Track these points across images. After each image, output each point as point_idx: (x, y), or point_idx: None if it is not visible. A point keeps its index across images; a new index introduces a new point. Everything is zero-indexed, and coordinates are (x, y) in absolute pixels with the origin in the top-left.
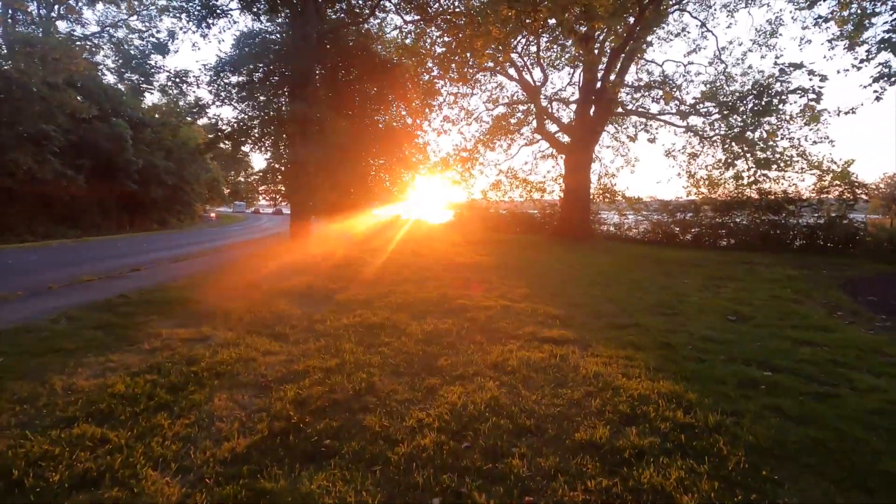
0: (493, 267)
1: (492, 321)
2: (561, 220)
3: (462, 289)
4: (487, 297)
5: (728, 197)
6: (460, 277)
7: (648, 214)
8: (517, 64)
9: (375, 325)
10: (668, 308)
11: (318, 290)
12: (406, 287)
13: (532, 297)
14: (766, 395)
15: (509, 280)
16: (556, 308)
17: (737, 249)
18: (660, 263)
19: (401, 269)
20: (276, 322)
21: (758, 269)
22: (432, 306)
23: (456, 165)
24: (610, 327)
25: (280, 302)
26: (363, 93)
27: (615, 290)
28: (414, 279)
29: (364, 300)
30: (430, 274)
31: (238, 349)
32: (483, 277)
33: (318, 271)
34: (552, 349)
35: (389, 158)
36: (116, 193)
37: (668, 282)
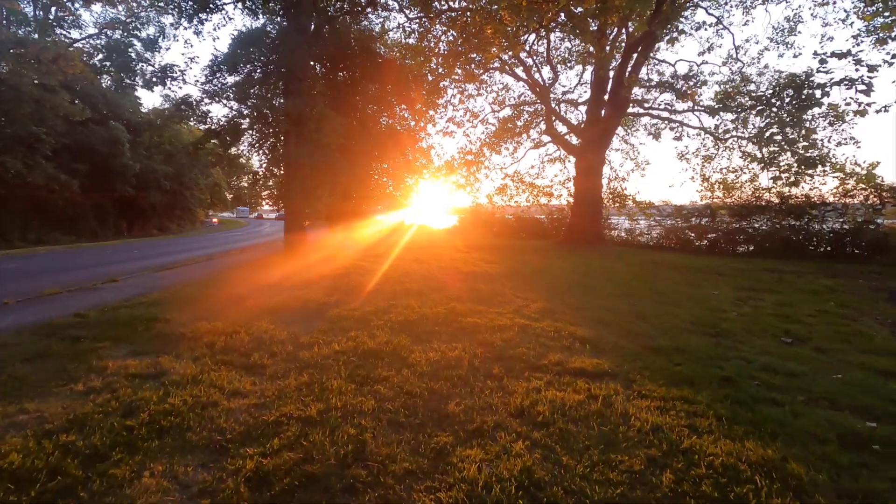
0: (503, 276)
1: (509, 346)
2: (571, 225)
3: (471, 302)
4: (501, 312)
5: (746, 201)
6: (468, 288)
7: (661, 219)
8: (525, 63)
9: (371, 353)
10: (708, 326)
11: (310, 304)
12: (408, 300)
13: (551, 313)
14: (889, 462)
15: (523, 291)
16: (581, 327)
17: (757, 256)
18: (680, 271)
19: (403, 279)
20: (254, 348)
21: (788, 279)
22: (438, 325)
23: (461, 169)
24: (650, 352)
25: (263, 321)
26: (364, 93)
27: (642, 304)
28: (417, 291)
29: (361, 317)
30: (435, 284)
31: (197, 389)
32: (493, 288)
33: (312, 282)
34: (589, 387)
35: (392, 162)
36: (113, 198)
37: (697, 293)
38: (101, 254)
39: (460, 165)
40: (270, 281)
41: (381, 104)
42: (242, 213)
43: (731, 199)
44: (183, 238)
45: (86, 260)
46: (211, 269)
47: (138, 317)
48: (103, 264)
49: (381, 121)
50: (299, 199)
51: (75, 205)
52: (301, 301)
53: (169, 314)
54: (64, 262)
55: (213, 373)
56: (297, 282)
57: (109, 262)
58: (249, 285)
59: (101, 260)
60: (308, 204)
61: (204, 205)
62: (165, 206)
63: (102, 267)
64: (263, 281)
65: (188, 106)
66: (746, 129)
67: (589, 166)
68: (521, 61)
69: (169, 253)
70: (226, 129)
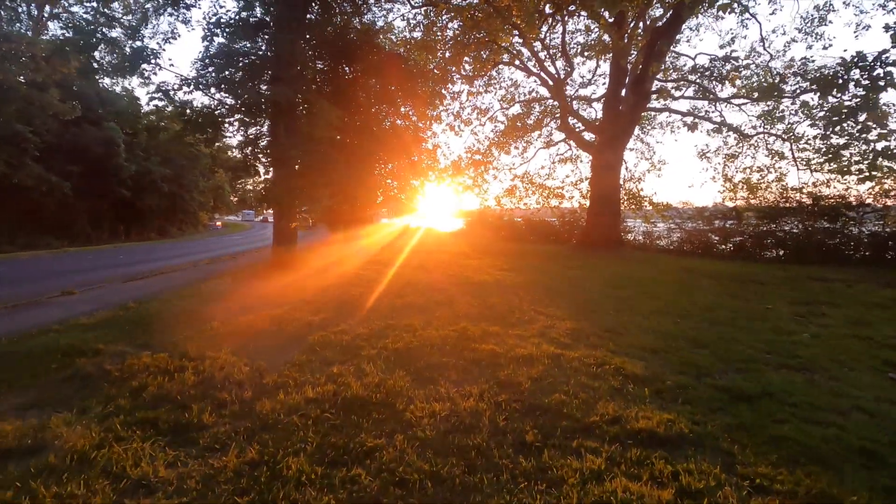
0: (519, 287)
1: (541, 389)
2: (587, 228)
3: (485, 321)
4: (523, 336)
5: (773, 202)
6: (480, 303)
7: (682, 222)
8: (539, 56)
9: (356, 402)
10: (786, 355)
11: (290, 325)
12: (410, 319)
13: (585, 337)
14: None
15: (544, 306)
16: (627, 358)
17: (789, 262)
18: (716, 280)
19: (405, 290)
20: (197, 395)
21: (838, 288)
22: (446, 355)
23: (468, 169)
24: (731, 399)
25: (224, 349)
26: (367, 90)
27: (690, 323)
28: (421, 306)
29: (350, 343)
30: (442, 297)
31: (75, 482)
32: (510, 303)
33: (300, 295)
34: (673, 470)
35: (397, 164)
36: (109, 201)
37: (747, 307)
38: (83, 260)
39: (468, 165)
40: (250, 295)
41: (384, 101)
42: (248, 216)
43: (756, 199)
44: (180, 242)
45: (63, 266)
46: (190, 278)
47: (60, 347)
48: (78, 271)
49: (384, 120)
50: (288, 200)
51: (68, 208)
52: (279, 322)
53: (104, 342)
54: (37, 268)
55: (120, 445)
56: (280, 296)
57: (85, 269)
58: (225, 299)
59: (80, 266)
60: (299, 206)
61: (207, 208)
62: (165, 209)
63: (74, 275)
64: (242, 295)
65: (165, 95)
66: (774, 126)
67: (606, 165)
68: (533, 53)
69: (155, 259)
70: (205, 119)
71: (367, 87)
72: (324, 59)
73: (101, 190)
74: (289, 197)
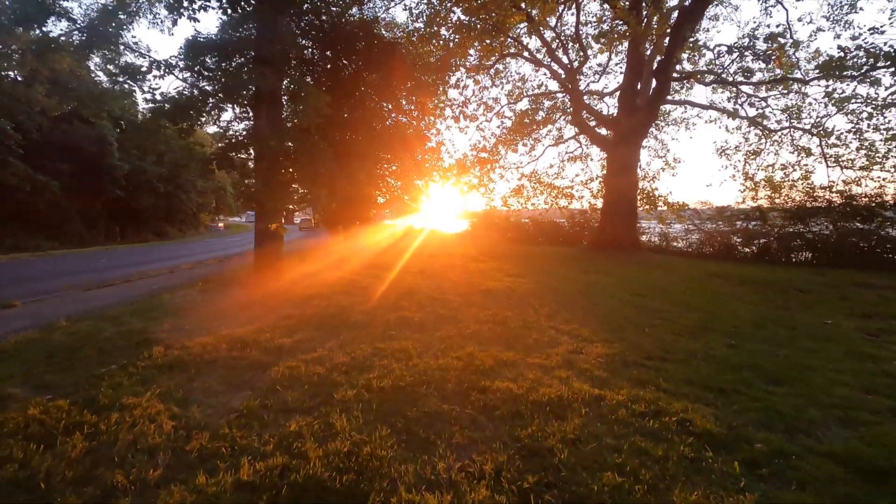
0: (532, 295)
1: (584, 462)
2: (601, 229)
3: (497, 344)
4: (546, 366)
5: (800, 202)
6: (490, 316)
7: (700, 223)
8: (550, 44)
9: (310, 492)
10: (892, 395)
11: (253, 350)
12: (404, 341)
13: (624, 366)
14: None
15: (564, 320)
16: (689, 402)
17: (820, 265)
18: (748, 286)
19: (403, 302)
20: (79, 477)
21: (892, 296)
22: (446, 400)
23: (473, 168)
24: (863, 481)
25: (152, 391)
26: (367, 83)
27: (748, 346)
28: (419, 323)
29: (322, 379)
30: (445, 310)
31: None
32: (524, 316)
33: (277, 308)
34: None
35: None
36: (102, 201)
37: (801, 322)
38: (60, 263)
39: (473, 164)
40: (215, 309)
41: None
42: (251, 217)
43: (780, 199)
44: (176, 244)
45: (32, 271)
46: (160, 286)
47: None
48: (42, 278)
49: (386, 118)
50: (268, 198)
51: (59, 208)
52: (241, 346)
53: (4, 376)
54: (4, 273)
55: None
56: (252, 310)
57: (52, 275)
58: (181, 317)
59: (50, 271)
60: (281, 204)
61: (209, 209)
62: (163, 209)
63: (36, 282)
64: (206, 310)
65: (131, 78)
66: (801, 120)
67: (622, 162)
68: (543, 41)
69: (138, 262)
70: (179, 106)
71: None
72: (320, 49)
73: (94, 190)
74: (269, 193)
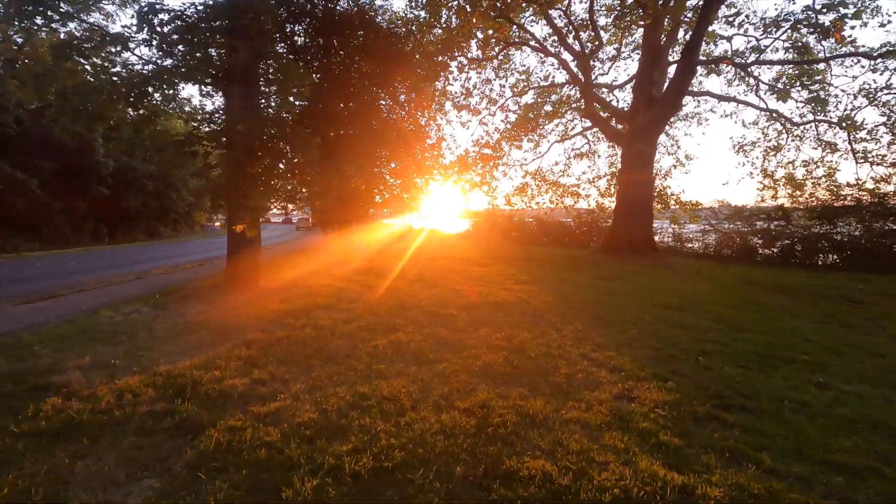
0: (550, 309)
1: None
2: (613, 230)
3: (519, 384)
4: (591, 422)
5: (824, 201)
6: (505, 341)
7: (717, 223)
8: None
9: None
10: None
11: (187, 400)
12: (396, 381)
13: (697, 421)
14: None
15: (598, 346)
16: (817, 495)
17: (851, 269)
18: (791, 296)
19: (396, 320)
20: None
21: None
22: (455, 493)
23: (475, 165)
24: None
25: (11, 481)
26: (362, 73)
27: (847, 389)
28: (415, 350)
29: (270, 458)
30: (448, 331)
31: None
32: (546, 339)
33: (241, 330)
34: None
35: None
36: (87, 201)
37: (887, 348)
38: (25, 267)
39: (475, 161)
40: (167, 330)
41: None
42: None
43: (804, 197)
44: (165, 244)
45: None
46: (115, 297)
47: None
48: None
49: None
50: (242, 193)
51: (40, 207)
52: (174, 390)
53: None
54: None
55: None
56: (211, 332)
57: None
58: (118, 342)
59: (6, 277)
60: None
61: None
62: (155, 208)
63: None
64: (156, 330)
65: (78, 52)
66: (827, 113)
67: (638, 157)
68: (553, 27)
69: (112, 266)
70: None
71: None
72: (312, 35)
73: (78, 188)
74: (236, 188)
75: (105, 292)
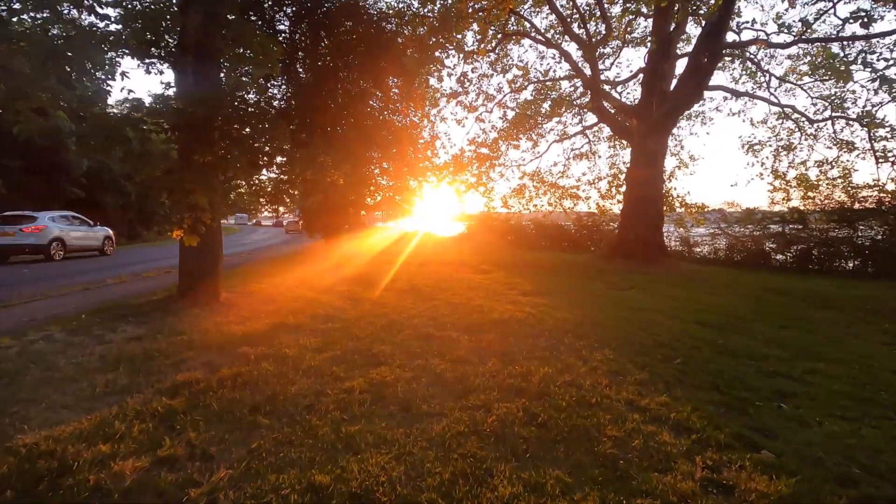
0: (569, 330)
1: None
2: (621, 233)
3: (550, 461)
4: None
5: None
6: (519, 379)
7: (727, 226)
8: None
9: None
10: None
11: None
12: (372, 458)
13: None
14: None
15: (639, 383)
16: None
17: (877, 276)
18: (842, 312)
19: (381, 345)
20: None
21: None
22: None
23: (471, 165)
24: None
25: None
26: (349, 64)
27: None
28: (404, 393)
29: None
30: (445, 363)
31: None
32: (577, 379)
33: (174, 368)
34: None
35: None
36: (60, 202)
37: None
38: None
39: (471, 161)
40: (75, 367)
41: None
42: (241, 219)
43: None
44: (142, 248)
45: None
46: (37, 316)
47: None
48: None
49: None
50: (188, 188)
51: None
52: (17, 487)
53: None
54: None
55: None
56: (132, 370)
57: None
58: (2, 386)
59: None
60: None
61: None
62: (135, 210)
63: None
64: (61, 368)
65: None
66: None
67: (649, 156)
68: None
69: (63, 275)
70: (52, 51)
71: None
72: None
73: (50, 189)
74: (180, 182)
75: (32, 308)
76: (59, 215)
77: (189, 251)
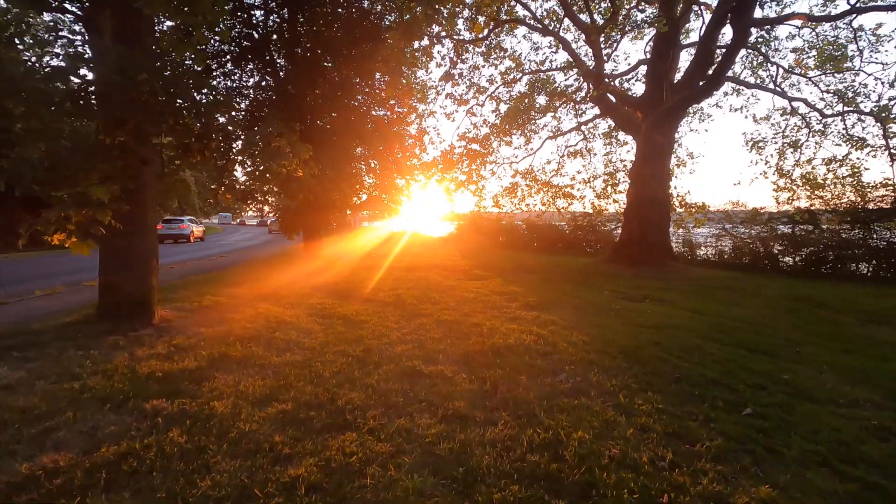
0: (593, 362)
1: None
2: (624, 236)
3: None
4: None
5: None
6: (548, 460)
7: (732, 227)
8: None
9: None
10: None
11: None
12: None
13: None
14: None
15: (714, 461)
16: None
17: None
18: (885, 324)
19: (351, 389)
20: None
21: None
22: None
23: (461, 163)
24: None
25: None
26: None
27: None
28: (374, 490)
29: None
30: (438, 428)
31: None
32: (630, 460)
33: (52, 429)
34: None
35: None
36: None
37: None
38: None
39: (461, 157)
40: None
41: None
42: (224, 219)
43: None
44: None
45: None
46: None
47: None
48: None
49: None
50: (81, 175)
51: None
52: None
53: None
54: None
55: None
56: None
57: None
58: None
59: None
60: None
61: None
62: None
63: None
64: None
65: None
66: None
67: (656, 152)
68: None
69: None
70: None
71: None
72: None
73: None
74: (73, 168)
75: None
76: None
77: (112, 259)
